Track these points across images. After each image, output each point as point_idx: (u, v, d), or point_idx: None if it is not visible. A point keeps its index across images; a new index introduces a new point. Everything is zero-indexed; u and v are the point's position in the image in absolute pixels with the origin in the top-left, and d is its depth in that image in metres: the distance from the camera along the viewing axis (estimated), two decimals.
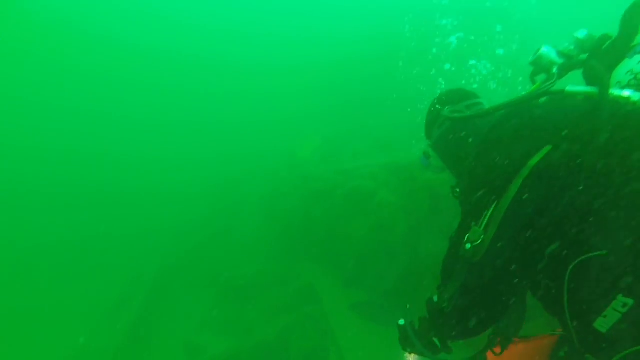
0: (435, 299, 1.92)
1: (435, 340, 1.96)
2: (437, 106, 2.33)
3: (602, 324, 1.33)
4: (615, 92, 1.54)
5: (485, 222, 1.58)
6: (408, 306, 2.31)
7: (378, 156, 10.82)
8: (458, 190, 2.08)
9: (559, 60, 1.91)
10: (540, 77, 1.96)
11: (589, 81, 1.68)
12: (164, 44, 32.58)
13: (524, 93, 1.84)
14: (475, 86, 11.29)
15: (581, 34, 1.90)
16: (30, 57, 26.20)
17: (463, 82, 11.52)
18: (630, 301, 1.26)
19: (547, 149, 1.53)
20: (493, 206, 1.57)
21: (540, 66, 1.96)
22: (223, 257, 11.96)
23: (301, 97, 21.87)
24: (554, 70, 1.86)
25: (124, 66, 30.68)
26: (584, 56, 1.86)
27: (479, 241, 1.56)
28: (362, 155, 11.98)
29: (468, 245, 1.58)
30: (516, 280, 1.59)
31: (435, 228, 7.28)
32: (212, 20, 33.78)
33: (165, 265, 11.98)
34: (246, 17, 33.31)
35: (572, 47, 1.95)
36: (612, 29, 1.78)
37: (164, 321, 10.03)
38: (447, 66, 12.40)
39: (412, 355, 2.67)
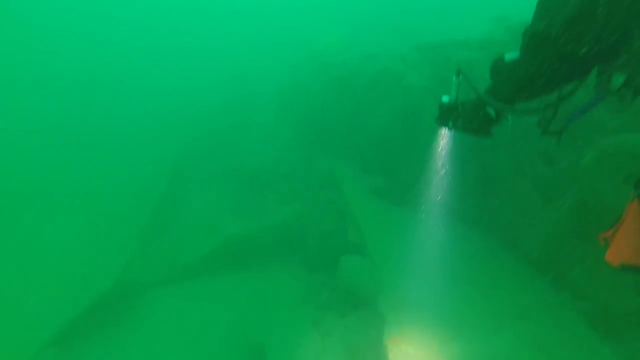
0: (511, 56, 1.67)
1: (491, 112, 1.82)
2: None
3: None
4: None
5: None
6: (459, 69, 2.14)
7: (409, 40, 9.99)
8: None
9: None
10: None
11: None
12: None
13: None
14: None
15: None
16: None
17: None
18: None
19: None
20: None
21: None
22: (240, 147, 11.90)
23: None
24: None
25: None
26: None
27: None
28: (390, 43, 11.14)
29: None
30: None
31: None
32: None
33: (184, 155, 11.98)
34: None
35: None
36: None
37: (185, 206, 10.26)
38: None
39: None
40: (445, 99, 2.07)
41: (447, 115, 2.06)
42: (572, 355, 4.31)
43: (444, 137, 4.09)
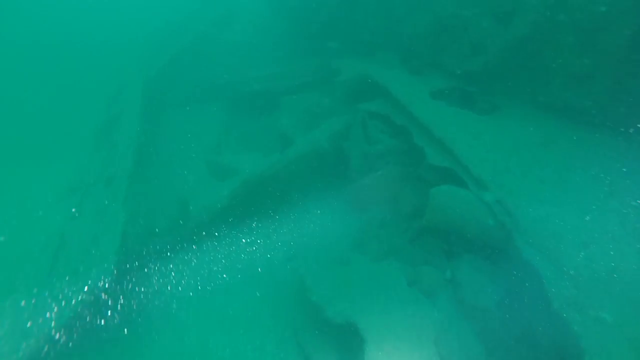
0: None
1: None
2: None
3: None
4: None
5: None
6: None
7: None
8: None
9: None
10: None
11: None
12: None
13: None
14: None
15: None
16: None
17: None
18: None
19: None
20: None
21: None
22: (221, 60, 9.19)
23: None
24: None
25: None
26: None
27: None
28: None
29: None
30: None
31: None
32: None
33: (154, 75, 9.05)
34: None
35: None
36: None
37: (167, 139, 7.82)
38: None
39: None
40: None
41: None
42: None
43: None
